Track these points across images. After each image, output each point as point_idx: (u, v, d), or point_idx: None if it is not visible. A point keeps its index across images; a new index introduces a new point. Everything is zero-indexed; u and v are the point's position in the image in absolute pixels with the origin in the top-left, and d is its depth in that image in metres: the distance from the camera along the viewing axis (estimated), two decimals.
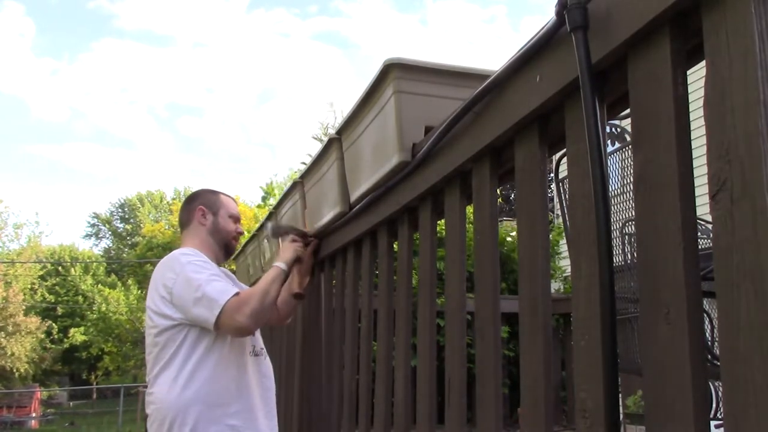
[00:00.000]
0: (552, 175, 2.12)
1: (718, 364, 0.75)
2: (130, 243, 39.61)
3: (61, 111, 61.44)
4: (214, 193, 2.30)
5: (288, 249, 2.31)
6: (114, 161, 63.92)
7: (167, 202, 38.48)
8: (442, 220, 1.59)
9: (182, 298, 1.96)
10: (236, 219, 2.29)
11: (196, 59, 60.19)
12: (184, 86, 62.57)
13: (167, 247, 27.90)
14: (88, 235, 42.74)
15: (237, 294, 1.96)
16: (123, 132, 63.28)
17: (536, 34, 1.08)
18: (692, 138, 0.86)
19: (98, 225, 41.66)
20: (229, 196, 2.35)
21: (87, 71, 59.09)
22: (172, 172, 62.22)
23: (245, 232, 2.64)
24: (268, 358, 2.27)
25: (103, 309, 28.15)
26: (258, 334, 2.25)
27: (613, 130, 1.92)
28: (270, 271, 2.14)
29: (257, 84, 63.96)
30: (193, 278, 1.96)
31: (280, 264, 2.18)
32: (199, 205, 2.23)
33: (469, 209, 1.60)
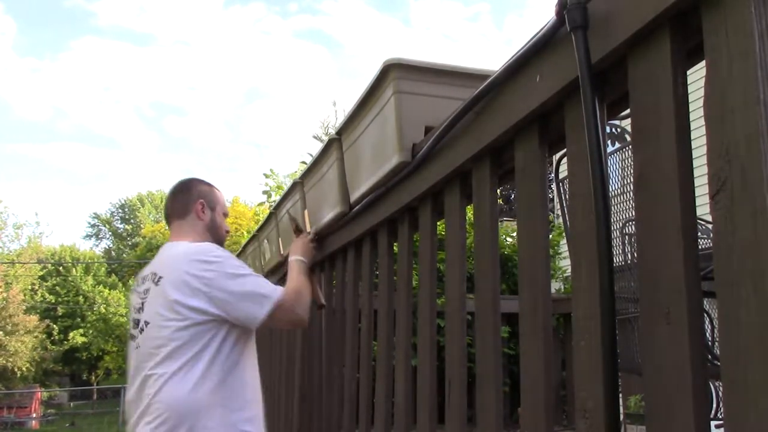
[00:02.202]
0: (552, 175, 2.12)
1: (718, 364, 0.75)
2: (130, 243, 39.63)
3: (45, 110, 61.35)
4: (210, 186, 2.22)
5: (307, 247, 2.38)
6: (101, 161, 63.89)
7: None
8: (442, 221, 1.59)
9: (226, 291, 1.88)
10: (227, 216, 2.25)
11: (179, 57, 60.07)
12: (168, 85, 62.39)
13: None
14: (89, 236, 42.78)
15: (284, 290, 1.99)
16: (109, 131, 63.27)
17: (536, 34, 1.08)
18: (692, 138, 0.86)
19: (98, 225, 41.69)
20: (220, 190, 2.27)
21: (69, 70, 58.96)
22: (162, 172, 62.16)
23: (245, 233, 2.67)
24: None
25: (103, 310, 28.16)
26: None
27: (613, 130, 1.92)
28: (297, 266, 2.20)
29: (242, 82, 63.91)
30: (239, 273, 1.92)
31: (301, 258, 2.27)
32: (199, 198, 2.14)
33: (469, 209, 1.60)
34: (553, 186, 2.15)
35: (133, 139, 63.95)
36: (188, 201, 2.14)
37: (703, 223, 1.93)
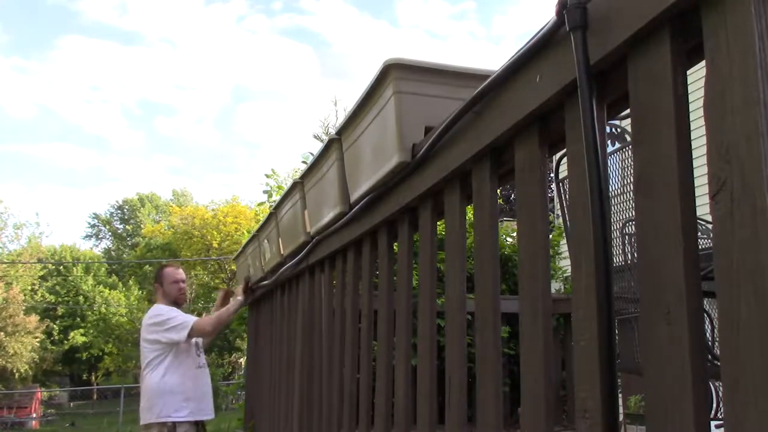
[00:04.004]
0: (552, 175, 2.12)
1: (718, 364, 0.75)
2: (130, 244, 39.65)
3: (33, 110, 60.95)
4: (162, 269, 3.88)
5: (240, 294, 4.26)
6: (93, 161, 63.65)
7: (164, 203, 38.58)
8: (442, 221, 1.59)
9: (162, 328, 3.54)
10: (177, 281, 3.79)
11: (165, 56, 59.71)
12: (155, 84, 61.96)
13: (166, 248, 27.97)
14: (88, 236, 42.79)
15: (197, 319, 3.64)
16: (98, 131, 63.03)
17: (536, 34, 1.08)
18: (692, 138, 0.86)
19: (98, 226, 41.69)
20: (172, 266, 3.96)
21: (56, 69, 58.47)
22: (155, 172, 62.03)
23: (245, 233, 2.70)
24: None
25: (104, 310, 28.21)
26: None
27: (613, 130, 1.91)
28: (233, 305, 4.01)
29: (229, 81, 63.60)
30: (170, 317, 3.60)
31: (239, 299, 4.15)
32: (157, 280, 3.82)
33: (469, 209, 1.60)
34: (553, 186, 2.15)
35: (122, 138, 63.80)
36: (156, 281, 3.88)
37: (703, 223, 1.93)
